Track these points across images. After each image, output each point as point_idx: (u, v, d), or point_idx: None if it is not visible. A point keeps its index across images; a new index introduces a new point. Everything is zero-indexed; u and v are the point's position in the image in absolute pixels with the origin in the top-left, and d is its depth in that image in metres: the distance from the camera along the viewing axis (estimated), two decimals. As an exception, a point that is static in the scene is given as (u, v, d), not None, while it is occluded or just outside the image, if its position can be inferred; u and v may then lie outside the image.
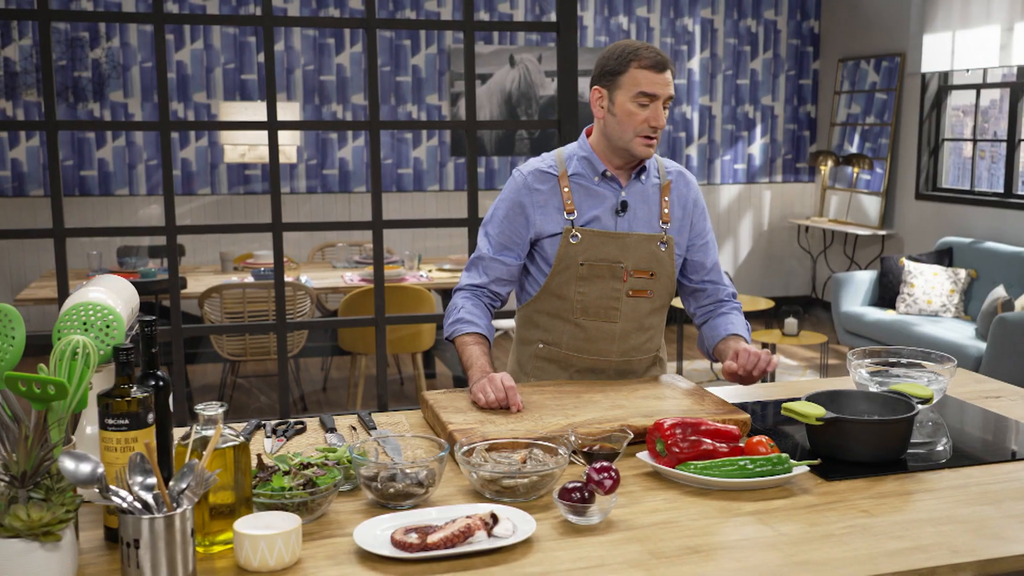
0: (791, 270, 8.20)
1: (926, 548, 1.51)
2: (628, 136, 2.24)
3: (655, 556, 1.49)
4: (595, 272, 2.30)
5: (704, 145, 7.89)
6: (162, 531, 1.34)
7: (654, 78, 2.20)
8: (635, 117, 2.22)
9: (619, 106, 2.24)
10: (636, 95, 2.20)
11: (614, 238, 2.30)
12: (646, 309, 2.36)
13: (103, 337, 1.57)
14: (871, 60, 7.40)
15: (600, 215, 2.31)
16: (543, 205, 2.31)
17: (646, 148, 2.25)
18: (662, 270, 2.34)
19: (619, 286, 2.31)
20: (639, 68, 2.21)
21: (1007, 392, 2.37)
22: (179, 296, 3.61)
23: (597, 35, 7.54)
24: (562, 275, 2.31)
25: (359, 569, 1.45)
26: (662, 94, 2.22)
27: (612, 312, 2.32)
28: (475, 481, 1.70)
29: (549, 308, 2.35)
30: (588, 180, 2.32)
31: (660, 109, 2.23)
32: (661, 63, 2.22)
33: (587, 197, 2.32)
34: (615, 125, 2.26)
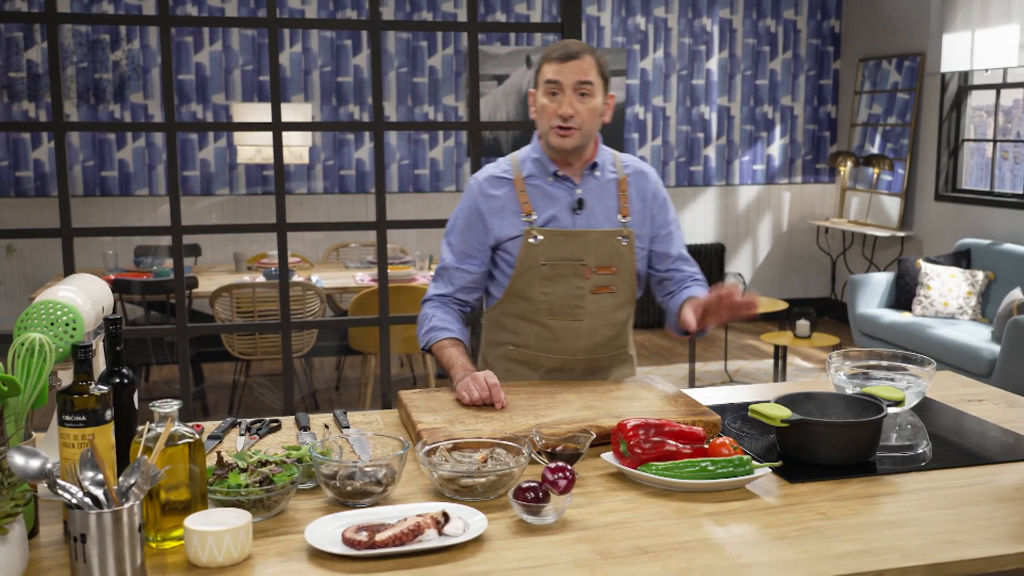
0: (810, 272, 8.14)
1: (877, 551, 1.50)
2: (545, 129, 2.29)
3: (603, 556, 1.49)
4: (557, 271, 2.30)
5: (723, 146, 7.85)
6: (109, 526, 1.37)
7: (558, 67, 2.24)
8: (547, 109, 2.27)
9: (537, 101, 2.31)
10: (544, 85, 2.26)
11: (574, 236, 2.30)
12: (611, 305, 2.36)
13: (63, 336, 1.59)
14: (892, 60, 7.33)
15: (557, 215, 2.32)
16: (500, 210, 2.33)
17: (561, 139, 2.27)
18: (624, 265, 2.35)
19: (582, 284, 2.31)
20: (548, 62, 2.27)
21: (991, 396, 2.35)
22: (184, 295, 3.66)
23: (614, 35, 7.53)
24: (525, 277, 2.32)
25: (307, 566, 1.46)
26: (565, 81, 2.23)
27: (577, 310, 2.32)
28: (435, 480, 1.71)
29: (515, 310, 2.36)
30: (542, 180, 2.34)
31: (569, 98, 2.24)
32: (568, 54, 2.24)
33: (543, 198, 2.33)
34: (538, 121, 2.32)
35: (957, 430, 2.11)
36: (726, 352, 6.53)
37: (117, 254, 5.69)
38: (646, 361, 6.69)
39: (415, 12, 7.11)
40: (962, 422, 2.16)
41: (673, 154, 7.76)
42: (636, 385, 2.27)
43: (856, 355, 2.32)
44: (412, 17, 7.09)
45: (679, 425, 1.84)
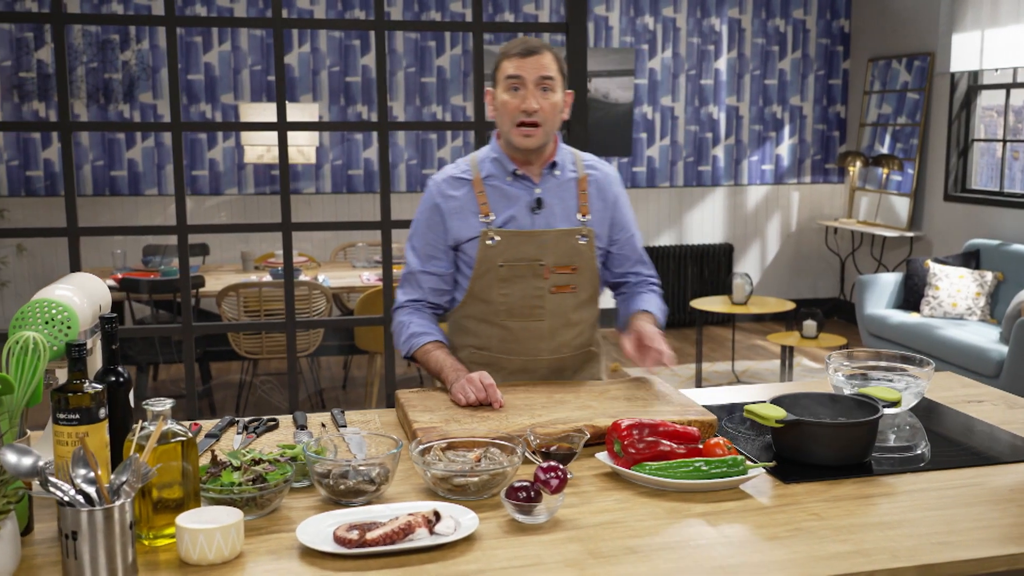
0: (819, 272, 8.11)
1: (867, 552, 1.50)
2: (507, 127, 2.26)
3: (593, 555, 1.49)
4: (515, 272, 2.29)
5: (731, 146, 7.83)
6: (100, 523, 1.38)
7: (518, 62, 2.22)
8: (508, 105, 2.24)
9: (497, 99, 2.27)
10: (505, 82, 2.23)
11: (531, 236, 2.29)
12: (571, 304, 2.35)
13: (58, 334, 1.60)
14: (903, 59, 7.30)
15: (516, 214, 2.30)
16: (459, 211, 2.30)
17: (524, 137, 2.25)
18: (583, 263, 2.34)
19: (541, 284, 2.30)
20: (507, 59, 2.25)
21: (991, 397, 2.34)
22: (190, 294, 3.67)
23: (623, 35, 7.52)
24: (483, 278, 2.30)
25: (298, 564, 1.47)
26: (528, 75, 2.21)
27: (537, 311, 2.31)
28: (428, 479, 1.72)
29: (475, 312, 2.34)
30: (501, 180, 2.32)
31: (531, 94, 2.22)
32: (527, 49, 2.23)
33: (502, 198, 2.31)
34: (498, 120, 2.29)
35: (955, 431, 2.11)
36: (733, 352, 6.52)
37: (125, 253, 5.71)
38: (653, 361, 6.67)
39: (423, 12, 7.12)
40: (961, 423, 2.15)
41: (681, 154, 7.75)
42: (634, 385, 2.27)
43: (857, 356, 2.32)
44: (420, 17, 7.10)
45: (674, 425, 1.84)
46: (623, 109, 7.54)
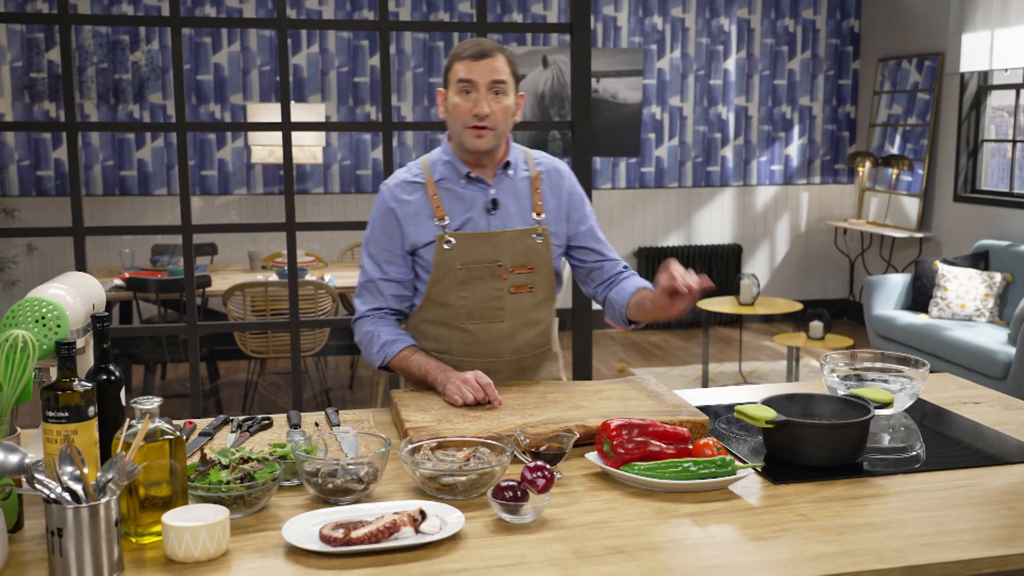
0: (828, 273, 8.09)
1: (853, 553, 1.50)
2: (459, 129, 2.24)
3: (577, 555, 1.50)
4: (474, 275, 2.28)
5: (740, 146, 7.82)
6: (86, 520, 1.39)
7: (471, 65, 2.20)
8: (460, 108, 2.22)
9: (449, 101, 2.25)
10: (456, 84, 2.21)
11: (488, 238, 2.28)
12: (530, 304, 2.34)
13: (49, 333, 1.62)
14: (913, 59, 7.27)
15: (473, 216, 2.29)
16: (414, 215, 2.28)
17: (476, 140, 2.23)
18: (540, 263, 2.33)
19: (500, 285, 2.29)
20: (459, 61, 2.22)
21: (987, 398, 2.33)
22: (194, 293, 3.69)
23: (631, 36, 7.52)
24: (441, 282, 2.28)
25: (283, 562, 1.48)
26: (480, 79, 2.19)
27: (497, 312, 2.30)
28: (417, 478, 1.72)
29: (434, 317, 2.32)
30: (455, 183, 2.30)
31: (483, 97, 2.20)
32: (479, 52, 2.20)
33: (457, 201, 2.29)
34: (450, 122, 2.27)
35: (950, 433, 2.10)
36: (740, 353, 6.51)
37: (133, 253, 5.74)
38: (661, 362, 6.68)
39: (432, 12, 7.14)
40: (956, 424, 2.15)
41: (690, 154, 7.74)
42: (627, 385, 2.27)
43: (852, 357, 2.31)
44: (429, 17, 7.11)
45: (663, 425, 1.84)
46: (631, 109, 7.54)
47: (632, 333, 7.62)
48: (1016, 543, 1.53)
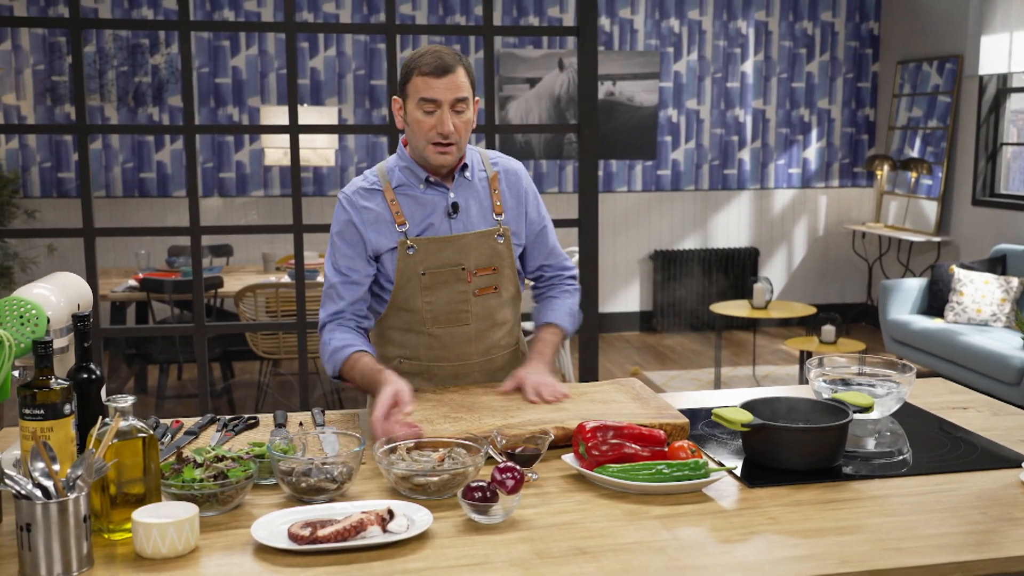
0: (846, 277, 8.04)
1: (817, 557, 1.50)
2: (421, 144, 2.21)
3: (540, 556, 1.51)
4: (438, 279, 2.27)
5: (757, 149, 7.79)
6: (55, 516, 1.42)
7: (433, 83, 2.15)
8: (422, 125, 2.18)
9: (410, 115, 2.21)
10: (419, 102, 2.17)
11: (450, 242, 2.27)
12: (496, 305, 2.34)
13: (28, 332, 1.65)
14: (934, 62, 7.22)
15: (434, 221, 2.27)
16: (374, 222, 2.26)
17: (440, 155, 2.21)
18: (503, 263, 2.33)
19: (464, 288, 2.28)
20: (420, 75, 2.16)
21: (976, 404, 2.32)
22: (202, 294, 3.73)
23: (648, 39, 7.51)
24: (406, 288, 2.27)
25: (250, 559, 1.50)
26: (443, 99, 2.15)
27: (463, 315, 2.30)
28: (391, 479, 1.74)
29: (400, 323, 2.31)
30: (414, 188, 2.28)
31: (446, 115, 2.17)
32: (441, 67, 2.15)
33: (417, 206, 2.28)
34: (411, 135, 2.24)
35: (934, 437, 2.09)
36: (754, 357, 6.48)
37: (149, 254, 5.81)
38: (675, 365, 6.67)
39: (448, 15, 7.17)
40: (940, 430, 2.13)
41: (707, 157, 7.72)
42: (614, 388, 2.28)
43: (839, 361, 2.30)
44: (445, 20, 7.15)
45: (639, 428, 1.84)
46: (648, 112, 7.53)
47: (648, 336, 7.61)
48: (983, 549, 1.52)
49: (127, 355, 5.55)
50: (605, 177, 7.57)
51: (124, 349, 5.52)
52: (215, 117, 7.00)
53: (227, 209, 7.08)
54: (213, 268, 5.90)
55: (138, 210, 6.98)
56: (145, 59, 6.94)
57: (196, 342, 3.68)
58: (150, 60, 6.94)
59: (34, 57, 6.80)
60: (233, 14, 6.99)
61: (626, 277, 7.72)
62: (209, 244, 6.50)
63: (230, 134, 7.11)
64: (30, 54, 6.80)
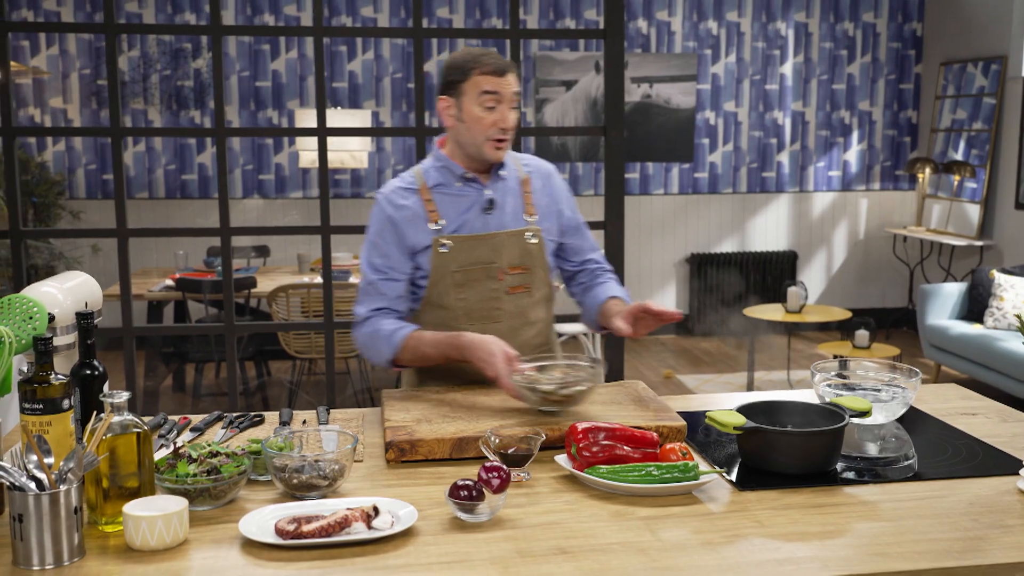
0: (887, 281, 7.93)
1: (797, 561, 1.49)
2: (479, 140, 2.28)
3: (521, 554, 1.52)
4: (470, 277, 2.32)
5: (796, 151, 7.72)
6: (46, 507, 1.46)
7: (498, 80, 2.25)
8: (483, 121, 2.26)
9: (467, 112, 2.28)
10: (480, 96, 2.24)
11: (483, 240, 2.32)
12: (527, 303, 2.38)
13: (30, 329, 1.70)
14: (979, 63, 7.10)
15: (469, 218, 2.33)
16: (411, 220, 2.31)
17: (496, 151, 2.30)
18: (535, 263, 2.37)
19: (496, 286, 2.33)
20: (481, 74, 2.25)
21: (985, 410, 2.29)
22: (232, 294, 3.80)
23: (685, 40, 7.48)
24: (439, 285, 2.31)
25: (236, 553, 1.53)
26: (505, 92, 2.25)
27: (495, 312, 2.34)
28: (534, 399, 2.01)
29: (433, 319, 2.34)
30: (450, 187, 2.35)
31: (507, 111, 2.26)
32: (502, 67, 2.26)
33: (453, 203, 2.34)
34: (465, 132, 2.30)
35: (938, 443, 2.07)
36: (789, 361, 6.43)
37: (187, 254, 5.91)
38: (710, 368, 6.63)
39: (484, 19, 7.20)
40: (945, 436, 2.11)
41: (745, 160, 7.67)
42: (617, 390, 2.28)
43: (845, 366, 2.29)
44: (481, 24, 7.18)
45: (631, 429, 1.85)
46: (685, 115, 7.50)
47: (683, 339, 7.58)
48: (967, 555, 1.50)
49: (164, 354, 5.65)
50: (642, 180, 7.55)
51: (161, 348, 5.63)
52: (255, 120, 7.10)
53: (267, 210, 7.18)
54: (250, 269, 5.99)
55: (179, 211, 7.11)
56: (187, 63, 7.07)
57: (227, 341, 3.74)
58: (192, 64, 7.07)
59: (80, 61, 6.96)
60: (273, 18, 7.09)
61: (662, 280, 7.70)
62: (251, 245, 6.61)
63: (259, 136, 7.21)
64: (76, 58, 6.96)
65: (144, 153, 7.12)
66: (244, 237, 6.63)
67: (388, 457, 1.91)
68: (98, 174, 7.10)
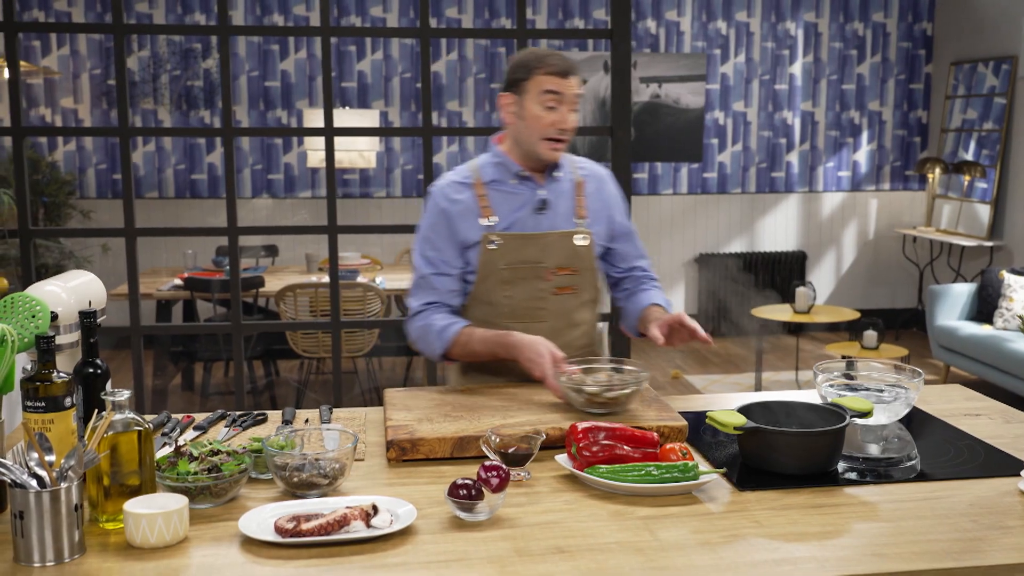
0: (897, 282, 7.91)
1: (795, 561, 1.49)
2: (536, 139, 2.30)
3: (519, 553, 1.52)
4: (518, 275, 2.34)
5: (806, 152, 7.70)
6: (47, 504, 1.47)
7: (561, 81, 2.27)
8: (542, 120, 2.28)
9: (527, 110, 2.30)
10: (542, 95, 2.26)
11: (533, 239, 2.34)
12: (573, 305, 2.40)
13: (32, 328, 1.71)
14: (989, 63, 7.07)
15: (521, 216, 2.35)
16: (464, 214, 2.34)
17: (552, 151, 2.31)
18: (583, 265, 2.39)
19: (543, 285, 2.35)
20: (545, 73, 2.27)
21: (989, 411, 2.28)
22: (239, 293, 3.82)
23: (694, 40, 7.47)
24: (486, 281, 2.34)
25: (236, 550, 1.54)
26: (567, 93, 2.27)
27: (540, 312, 2.36)
28: (579, 400, 2.05)
29: (479, 315, 2.37)
30: (504, 184, 2.37)
31: (567, 112, 2.28)
32: (566, 68, 2.28)
33: (506, 200, 2.36)
34: (524, 129, 2.32)
35: (940, 444, 2.06)
36: (797, 362, 6.42)
37: (196, 254, 5.94)
38: (718, 369, 6.62)
39: (493, 19, 7.21)
40: (948, 436, 2.11)
41: (754, 160, 7.65)
42: (620, 390, 2.28)
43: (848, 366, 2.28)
44: (490, 24, 7.18)
45: (631, 429, 1.85)
46: (694, 115, 7.49)
47: (692, 340, 7.56)
48: (965, 556, 1.50)
49: (173, 353, 5.68)
50: (651, 180, 7.54)
51: (170, 347, 5.65)
52: (264, 120, 7.13)
53: (277, 209, 7.20)
54: (258, 268, 6.01)
55: (189, 211, 7.13)
56: (197, 63, 7.09)
57: (233, 340, 3.76)
58: (202, 64, 7.09)
59: (91, 62, 6.99)
60: (282, 18, 7.11)
61: (671, 280, 7.69)
62: (261, 244, 6.63)
63: (267, 136, 7.23)
64: (87, 59, 6.99)
65: (154, 153, 7.15)
66: (254, 237, 6.65)
67: (389, 456, 1.92)
68: (108, 174, 7.13)
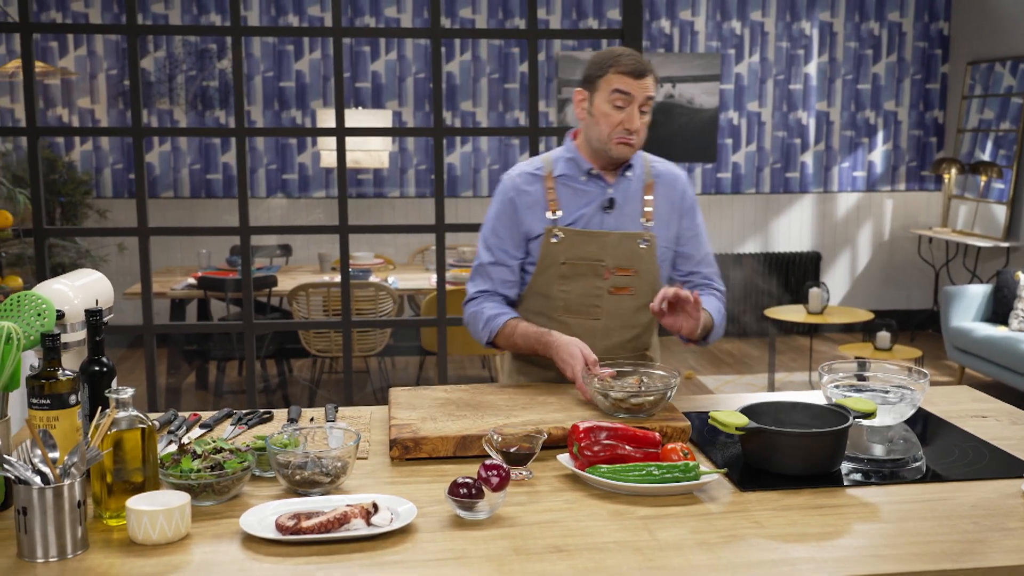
0: (912, 283, 7.86)
1: (793, 562, 1.49)
2: (603, 137, 2.32)
3: (517, 552, 1.53)
4: (576, 271, 2.36)
5: (821, 152, 7.67)
6: (50, 501, 1.48)
7: (633, 82, 2.28)
8: (611, 118, 2.30)
9: (597, 107, 2.32)
10: (611, 95, 2.27)
11: (594, 237, 2.35)
12: (630, 307, 2.40)
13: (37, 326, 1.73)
14: (1006, 63, 7.02)
15: (586, 213, 2.37)
16: (531, 206, 2.38)
17: (623, 149, 2.32)
18: (644, 268, 2.39)
19: (600, 284, 2.36)
20: (617, 73, 2.29)
21: (996, 412, 2.27)
22: (251, 292, 3.84)
23: (709, 40, 7.45)
24: (545, 274, 2.37)
25: (237, 547, 1.55)
26: (637, 94, 2.28)
27: (594, 309, 2.37)
28: (606, 404, 2.04)
29: (535, 307, 2.41)
30: (574, 180, 2.39)
31: (636, 112, 2.29)
32: (639, 70, 2.29)
33: (573, 196, 2.38)
34: (593, 126, 2.34)
35: (946, 446, 2.05)
36: (811, 362, 6.40)
37: (210, 253, 5.97)
38: (731, 370, 6.61)
39: (507, 19, 7.21)
40: (953, 437, 2.10)
41: (768, 160, 7.63)
42: (624, 390, 2.28)
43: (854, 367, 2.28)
44: (504, 24, 7.19)
45: (633, 429, 1.85)
46: (708, 115, 7.47)
47: (705, 340, 7.54)
48: (964, 558, 1.50)
49: (187, 351, 5.71)
50: (664, 180, 7.52)
51: (184, 346, 5.69)
52: (279, 120, 7.16)
53: (291, 209, 7.23)
54: (272, 267, 6.03)
55: (204, 210, 7.17)
56: (213, 64, 7.13)
57: (245, 339, 3.78)
58: (217, 65, 7.13)
59: (107, 62, 7.04)
60: (297, 19, 7.14)
61: (685, 280, 7.67)
62: (276, 244, 6.66)
63: (280, 136, 7.26)
64: (103, 59, 7.04)
65: (169, 153, 7.19)
66: (268, 236, 6.68)
67: (392, 454, 1.93)
68: (124, 173, 7.17)
